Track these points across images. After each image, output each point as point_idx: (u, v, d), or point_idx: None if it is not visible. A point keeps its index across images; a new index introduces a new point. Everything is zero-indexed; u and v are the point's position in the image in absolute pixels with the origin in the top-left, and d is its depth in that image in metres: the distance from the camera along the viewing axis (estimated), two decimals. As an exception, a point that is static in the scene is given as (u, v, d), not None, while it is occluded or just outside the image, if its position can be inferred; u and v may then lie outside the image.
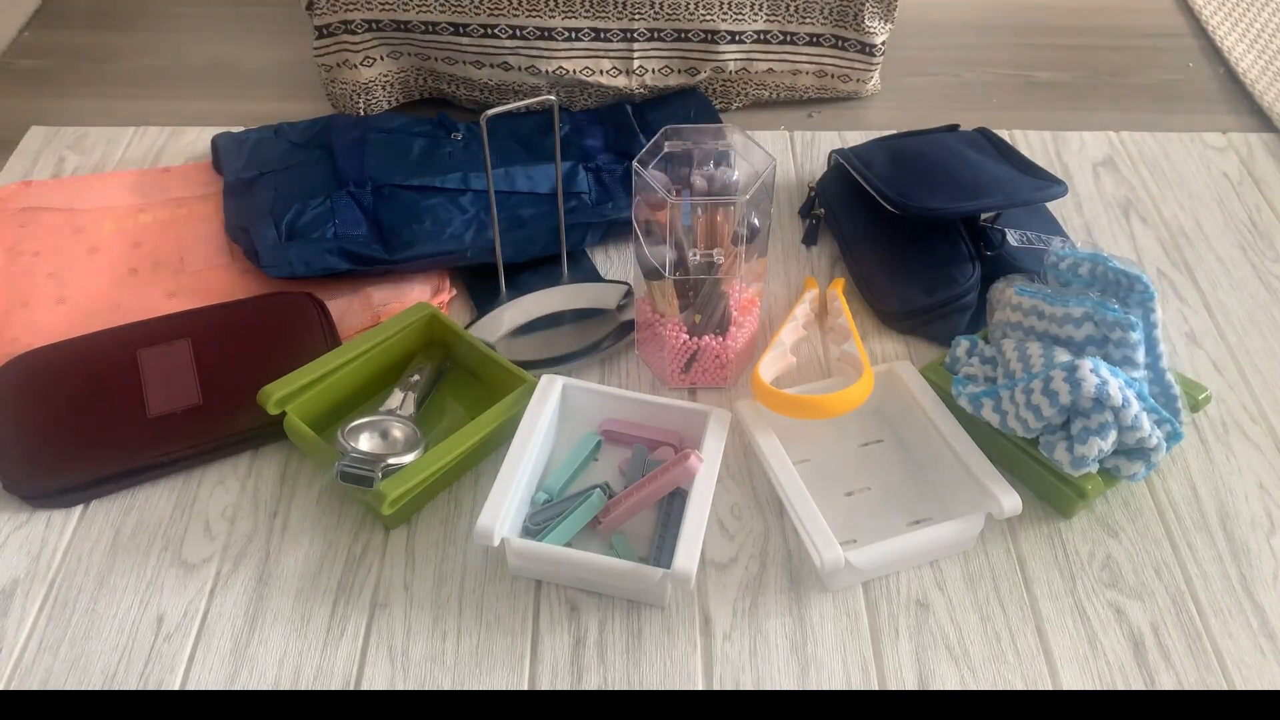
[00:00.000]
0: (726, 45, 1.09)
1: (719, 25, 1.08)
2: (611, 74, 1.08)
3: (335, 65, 1.09)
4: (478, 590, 0.72)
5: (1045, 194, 0.92)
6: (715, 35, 1.08)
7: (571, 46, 1.06)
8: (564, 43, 1.06)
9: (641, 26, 1.06)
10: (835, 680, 0.67)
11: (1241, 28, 1.33)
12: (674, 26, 1.07)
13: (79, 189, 1.02)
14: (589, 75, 1.08)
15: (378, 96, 1.11)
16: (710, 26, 1.08)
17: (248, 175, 1.00)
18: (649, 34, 1.07)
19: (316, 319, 0.85)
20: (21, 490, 0.76)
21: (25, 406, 0.79)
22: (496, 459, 0.75)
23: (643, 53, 1.08)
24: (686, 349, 0.82)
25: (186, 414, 0.79)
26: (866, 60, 1.14)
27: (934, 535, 0.71)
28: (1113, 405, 0.69)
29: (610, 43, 1.07)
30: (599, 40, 1.06)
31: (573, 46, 1.06)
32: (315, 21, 1.05)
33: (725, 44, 1.09)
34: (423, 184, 0.98)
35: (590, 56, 1.07)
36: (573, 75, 1.07)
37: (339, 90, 1.11)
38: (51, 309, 0.89)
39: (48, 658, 0.68)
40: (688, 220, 0.78)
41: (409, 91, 1.13)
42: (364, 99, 1.11)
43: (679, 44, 1.09)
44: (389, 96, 1.12)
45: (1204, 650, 0.69)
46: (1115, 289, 0.78)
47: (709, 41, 1.09)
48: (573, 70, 1.07)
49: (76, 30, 1.30)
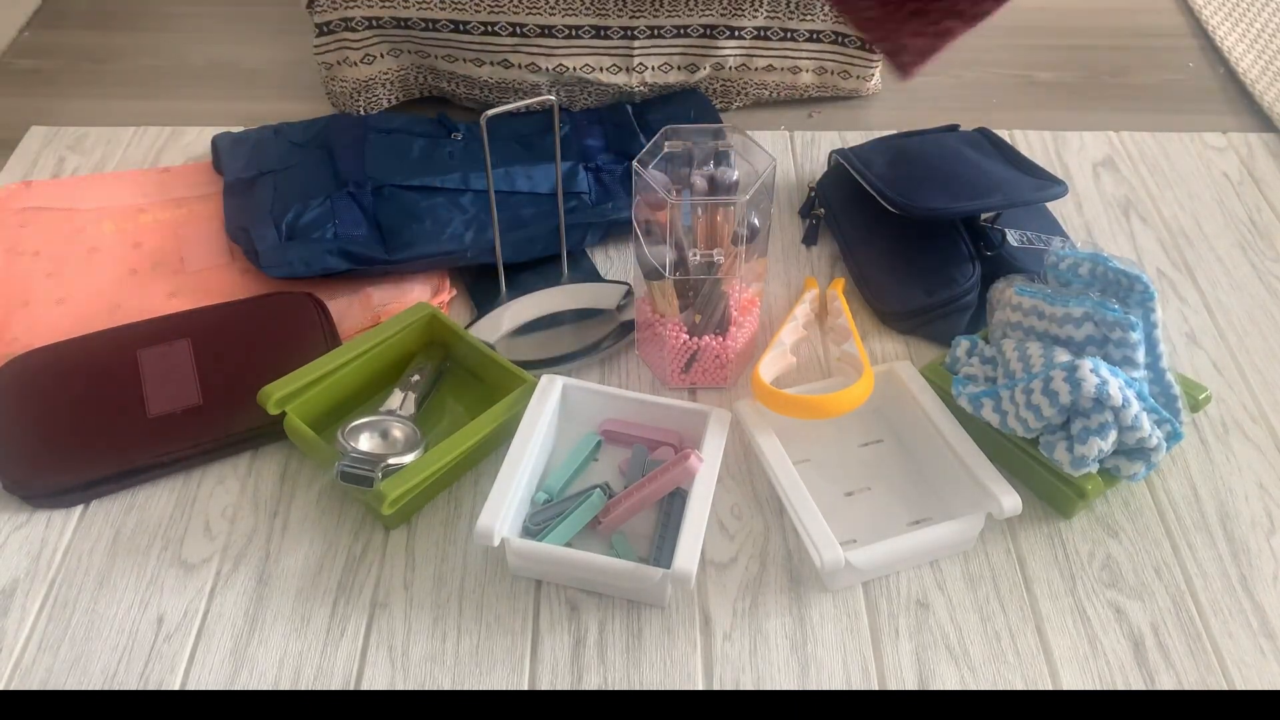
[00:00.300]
0: (726, 41, 1.09)
1: (719, 21, 1.08)
2: (612, 71, 1.09)
3: (335, 63, 1.09)
4: (478, 590, 0.72)
5: (1045, 194, 0.92)
6: (715, 31, 1.08)
7: (572, 44, 1.06)
8: (564, 40, 1.06)
9: (642, 24, 1.07)
10: (835, 680, 0.67)
11: (1241, 28, 1.33)
12: (674, 23, 1.07)
13: (79, 189, 1.02)
14: (589, 73, 1.08)
15: (377, 94, 1.11)
16: (710, 22, 1.08)
17: (248, 175, 1.00)
18: (649, 31, 1.07)
19: (316, 319, 0.85)
20: (22, 490, 0.76)
21: (25, 406, 0.79)
22: (496, 459, 0.75)
23: (643, 50, 1.08)
24: (686, 349, 0.82)
25: (186, 414, 0.79)
26: (866, 57, 1.14)
27: (934, 535, 0.71)
28: (1113, 405, 0.69)
29: (610, 40, 1.07)
30: (599, 38, 1.06)
31: (573, 44, 1.06)
32: (315, 19, 1.05)
33: (724, 39, 1.09)
34: (423, 184, 0.98)
35: (591, 54, 1.07)
36: (573, 73, 1.07)
37: (339, 88, 1.11)
38: (51, 309, 0.89)
39: (48, 658, 0.68)
40: (688, 220, 0.78)
41: (409, 90, 1.13)
42: (364, 96, 1.11)
43: (679, 40, 1.09)
44: (389, 94, 1.12)
45: (1204, 650, 0.69)
46: (1115, 289, 0.78)
47: (708, 37, 1.09)
48: (573, 68, 1.07)
49: (76, 30, 1.30)
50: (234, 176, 1.00)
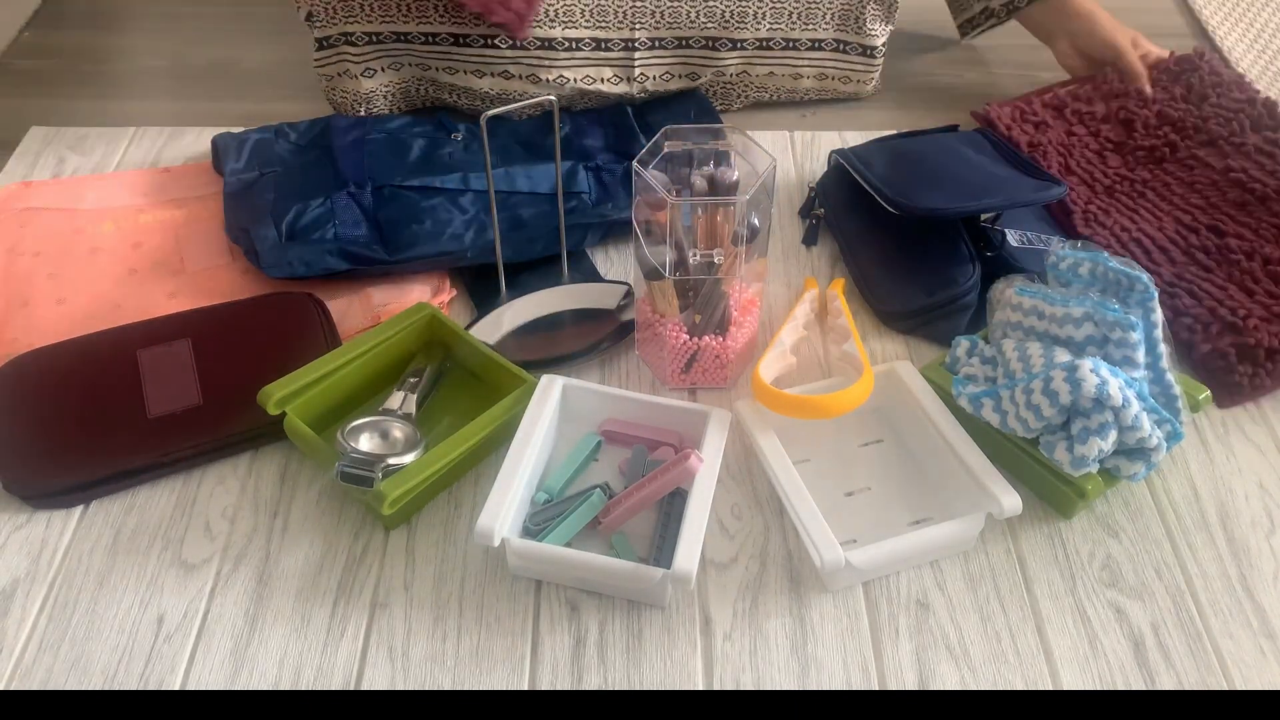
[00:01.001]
0: (728, 52, 1.09)
1: (720, 34, 1.08)
2: (613, 82, 1.09)
3: (336, 75, 1.09)
4: (478, 590, 0.72)
5: (1045, 195, 0.92)
6: (717, 43, 1.08)
7: (572, 56, 1.06)
8: (565, 53, 1.06)
9: (643, 35, 1.07)
10: (835, 680, 0.67)
11: (1241, 28, 1.33)
12: (675, 35, 1.07)
13: (79, 189, 1.02)
14: (590, 84, 1.08)
15: (379, 105, 1.11)
16: (712, 34, 1.08)
17: (248, 176, 1.00)
18: (650, 43, 1.07)
19: (317, 319, 0.85)
20: (22, 490, 0.76)
21: (25, 406, 0.79)
22: (496, 459, 0.75)
23: (644, 61, 1.08)
24: (686, 349, 0.82)
25: (187, 414, 0.79)
26: (867, 62, 1.14)
27: (934, 535, 0.71)
28: (1113, 405, 0.69)
29: (611, 52, 1.07)
30: (600, 50, 1.06)
31: (573, 56, 1.06)
32: (315, 34, 1.05)
33: (726, 50, 1.09)
34: (423, 184, 0.98)
35: (591, 65, 1.07)
36: (574, 84, 1.07)
37: (340, 98, 1.11)
38: (51, 309, 0.89)
39: (48, 658, 0.68)
40: (688, 220, 0.78)
41: (410, 100, 1.13)
42: (365, 106, 1.11)
43: (680, 51, 1.09)
44: (390, 105, 1.12)
45: (1204, 650, 0.69)
46: (1115, 289, 0.78)
47: (710, 48, 1.09)
48: (574, 79, 1.07)
49: (76, 31, 1.30)
50: (234, 176, 1.00)
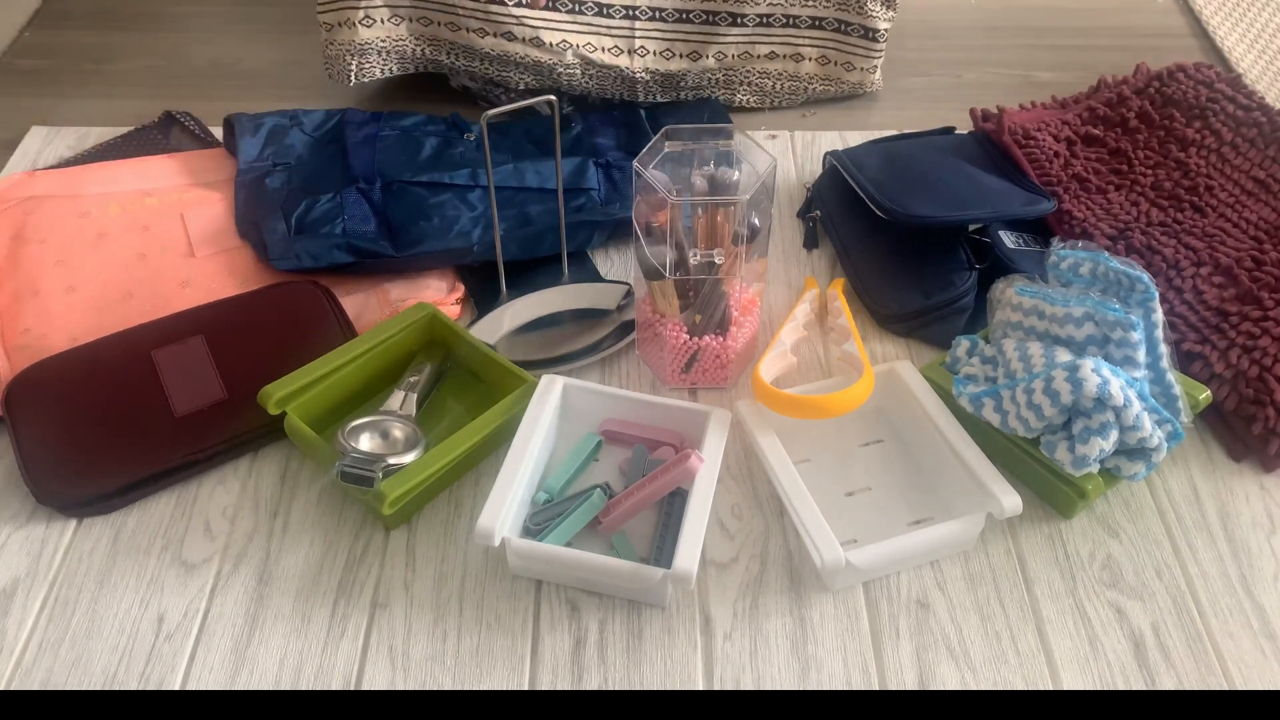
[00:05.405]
0: (728, 27, 1.09)
1: (721, 7, 1.08)
2: (613, 52, 1.09)
3: (335, 24, 1.07)
4: (478, 590, 0.72)
5: (1033, 209, 0.92)
6: (717, 17, 1.09)
7: (575, 19, 1.06)
8: (568, 15, 1.06)
9: (644, 4, 1.07)
10: (835, 680, 0.67)
11: (1242, 28, 1.33)
12: (676, 6, 1.08)
13: (83, 176, 1.01)
14: (591, 51, 1.08)
15: (371, 62, 1.09)
16: (713, 9, 1.09)
17: (260, 167, 1.00)
18: (651, 13, 1.08)
19: (326, 306, 0.86)
20: (59, 501, 0.75)
21: (47, 418, 0.78)
22: (497, 459, 0.75)
23: (644, 33, 1.09)
24: (687, 349, 0.82)
25: (213, 409, 0.79)
26: (869, 46, 1.14)
27: (934, 535, 0.71)
28: (1114, 405, 0.69)
29: (613, 19, 1.07)
30: (602, 15, 1.07)
31: (576, 19, 1.07)
32: None
33: (726, 25, 1.09)
34: (431, 180, 0.98)
35: (593, 32, 1.08)
36: (576, 50, 1.07)
37: (335, 51, 1.09)
38: (63, 297, 0.89)
39: (48, 657, 0.68)
40: (688, 220, 0.78)
41: (404, 62, 1.11)
42: (357, 62, 1.09)
43: (680, 25, 1.09)
44: (383, 64, 1.10)
45: (1204, 650, 0.69)
46: (1116, 288, 0.78)
47: (710, 23, 1.09)
48: (576, 45, 1.07)
49: (76, 30, 1.30)
50: (247, 164, 1.00)
